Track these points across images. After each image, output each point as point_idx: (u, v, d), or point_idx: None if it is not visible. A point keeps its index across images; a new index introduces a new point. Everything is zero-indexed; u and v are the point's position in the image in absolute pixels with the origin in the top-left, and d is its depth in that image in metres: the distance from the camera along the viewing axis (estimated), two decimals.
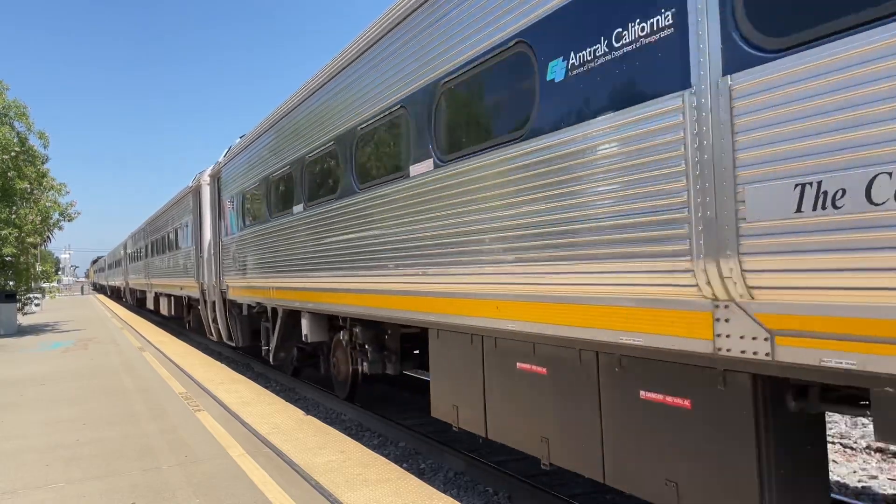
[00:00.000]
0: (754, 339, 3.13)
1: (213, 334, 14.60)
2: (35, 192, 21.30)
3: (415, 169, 5.70)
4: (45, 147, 22.26)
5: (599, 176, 3.77)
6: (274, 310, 10.54)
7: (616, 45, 3.65)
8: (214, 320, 14.16)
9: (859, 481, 6.37)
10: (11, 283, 23.09)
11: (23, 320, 25.44)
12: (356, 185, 6.91)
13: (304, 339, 9.25)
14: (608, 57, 3.70)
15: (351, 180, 7.01)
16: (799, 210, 2.79)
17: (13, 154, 19.78)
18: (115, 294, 52.73)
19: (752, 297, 3.09)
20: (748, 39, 3.01)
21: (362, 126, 6.76)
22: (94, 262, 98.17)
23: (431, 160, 5.46)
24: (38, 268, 28.86)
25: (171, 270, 19.86)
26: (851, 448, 7.41)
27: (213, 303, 14.08)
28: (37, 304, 32.04)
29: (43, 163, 22.27)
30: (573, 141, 3.93)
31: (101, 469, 5.99)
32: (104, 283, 62.88)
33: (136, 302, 35.10)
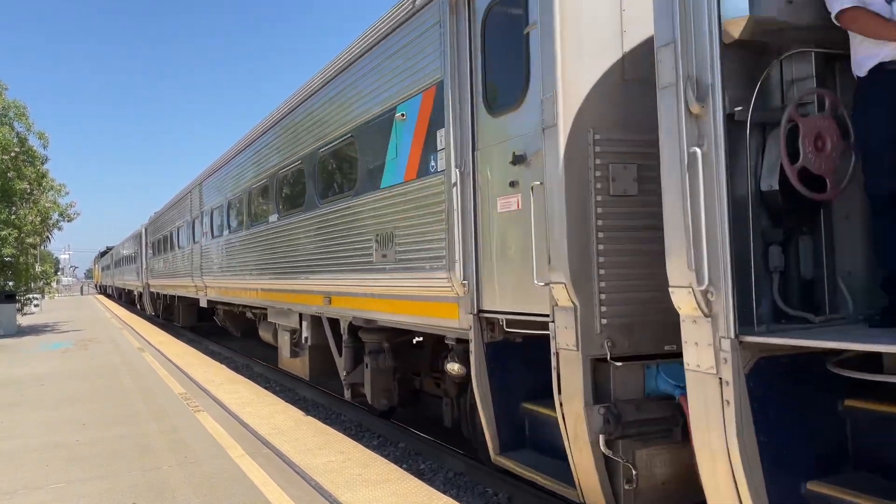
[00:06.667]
0: None
1: None
2: (34, 192, 21.29)
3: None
4: (44, 147, 22.29)
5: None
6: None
7: None
8: None
9: None
10: (11, 283, 23.08)
11: (22, 321, 25.39)
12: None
13: None
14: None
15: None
16: None
17: (13, 154, 19.77)
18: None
19: None
20: None
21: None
22: (103, 254, 63.73)
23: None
24: (38, 268, 28.81)
25: None
26: None
27: None
28: (36, 305, 32.04)
29: (42, 163, 22.26)
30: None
31: (100, 469, 6.00)
32: (145, 285, 26.24)
33: None
